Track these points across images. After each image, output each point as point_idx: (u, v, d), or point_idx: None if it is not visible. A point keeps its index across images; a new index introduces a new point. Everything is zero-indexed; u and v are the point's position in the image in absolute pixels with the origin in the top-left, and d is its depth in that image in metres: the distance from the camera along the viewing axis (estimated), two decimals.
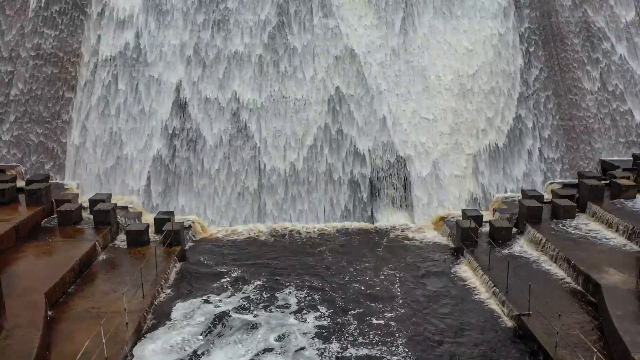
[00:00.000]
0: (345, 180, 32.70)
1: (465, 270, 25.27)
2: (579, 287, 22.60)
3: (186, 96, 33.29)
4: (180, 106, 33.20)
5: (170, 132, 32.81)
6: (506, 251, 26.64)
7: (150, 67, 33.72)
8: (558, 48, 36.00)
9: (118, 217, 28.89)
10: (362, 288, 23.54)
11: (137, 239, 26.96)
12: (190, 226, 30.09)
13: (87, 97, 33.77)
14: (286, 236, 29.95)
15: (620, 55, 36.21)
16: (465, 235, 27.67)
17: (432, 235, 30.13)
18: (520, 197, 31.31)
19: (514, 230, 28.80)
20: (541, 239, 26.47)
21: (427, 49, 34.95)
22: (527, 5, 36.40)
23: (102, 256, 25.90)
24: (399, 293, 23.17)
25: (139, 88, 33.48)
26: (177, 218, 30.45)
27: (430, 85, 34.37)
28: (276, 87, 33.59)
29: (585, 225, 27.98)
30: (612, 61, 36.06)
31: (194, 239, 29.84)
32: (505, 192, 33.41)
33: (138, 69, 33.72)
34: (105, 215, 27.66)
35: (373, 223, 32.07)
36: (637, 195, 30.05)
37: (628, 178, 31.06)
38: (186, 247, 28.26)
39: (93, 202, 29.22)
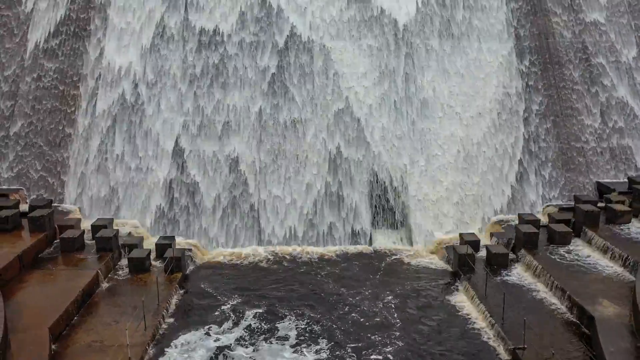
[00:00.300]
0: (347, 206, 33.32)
1: (462, 300, 25.66)
2: (573, 318, 23.00)
3: (184, 147, 33.45)
4: (178, 160, 33.34)
5: (168, 186, 32.93)
6: (503, 278, 27.04)
7: (147, 120, 33.77)
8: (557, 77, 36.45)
9: (120, 241, 29.26)
10: (362, 320, 23.93)
11: (139, 266, 27.36)
12: (191, 249, 30.51)
13: (85, 147, 34.00)
14: (285, 262, 30.31)
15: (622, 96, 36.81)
16: (463, 261, 28.08)
17: (431, 259, 30.50)
18: (517, 221, 31.83)
19: (511, 255, 29.24)
20: (537, 266, 26.88)
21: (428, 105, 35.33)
22: (529, 55, 36.77)
23: (105, 284, 26.27)
24: (397, 324, 23.55)
25: (136, 141, 33.55)
26: (178, 240, 31.03)
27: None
28: (276, 141, 33.72)
29: (581, 251, 28.39)
30: (612, 96, 36.57)
31: (195, 263, 30.23)
32: (502, 210, 33.87)
33: (135, 122, 33.81)
34: (107, 242, 28.08)
35: (371, 245, 32.54)
36: (633, 219, 30.54)
37: (623, 202, 31.49)
38: (187, 272, 28.66)
39: (95, 227, 29.64)
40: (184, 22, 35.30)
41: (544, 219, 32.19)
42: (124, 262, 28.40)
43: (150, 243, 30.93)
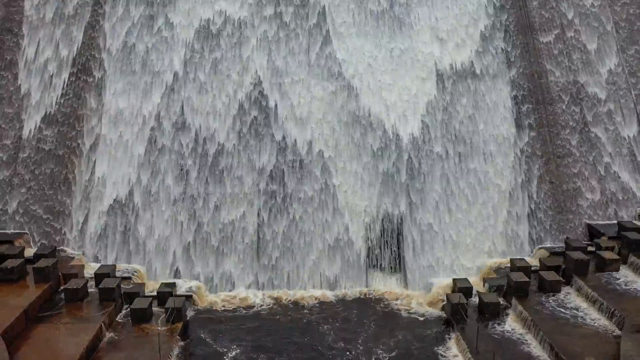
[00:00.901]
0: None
1: (455, 354, 26.47)
2: None
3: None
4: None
5: None
6: (495, 328, 27.82)
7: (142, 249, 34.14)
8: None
9: (122, 290, 30.07)
10: None
11: (141, 316, 28.15)
12: (191, 296, 31.36)
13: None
14: (282, 306, 31.09)
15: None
16: (455, 310, 28.89)
17: (426, 305, 31.28)
18: (509, 266, 32.67)
19: (503, 302, 30.05)
20: (527, 318, 27.68)
21: None
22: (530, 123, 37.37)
23: (108, 335, 27.08)
24: None
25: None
26: (178, 282, 32.16)
27: None
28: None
29: (571, 301, 29.15)
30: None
31: (196, 308, 31.05)
32: (495, 252, 34.73)
33: (130, 246, 34.08)
34: (110, 293, 28.90)
35: (367, 287, 33.41)
36: (622, 267, 31.33)
37: (612, 248, 32.29)
38: (187, 318, 29.48)
39: (98, 276, 30.46)
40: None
41: (535, 263, 32.97)
42: (126, 306, 29.33)
43: (151, 285, 32.02)
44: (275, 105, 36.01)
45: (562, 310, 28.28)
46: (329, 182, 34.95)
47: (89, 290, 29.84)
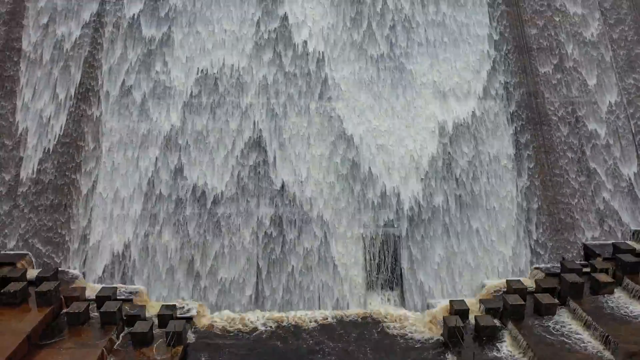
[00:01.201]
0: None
1: None
2: None
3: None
4: None
5: None
6: (492, 352, 28.25)
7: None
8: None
9: (123, 313, 30.45)
10: None
11: (142, 340, 28.56)
12: (192, 318, 31.76)
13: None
14: (283, 329, 31.49)
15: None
16: (452, 333, 29.32)
17: (423, 327, 31.66)
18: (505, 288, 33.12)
19: (499, 324, 30.48)
20: (522, 342, 28.11)
21: None
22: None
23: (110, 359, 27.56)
24: None
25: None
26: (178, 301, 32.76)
27: None
28: None
29: (566, 325, 29.54)
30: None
31: (196, 329, 31.43)
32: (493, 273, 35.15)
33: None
34: (111, 316, 29.31)
35: (366, 308, 33.79)
36: (616, 289, 31.76)
37: (607, 270, 32.72)
38: (188, 342, 29.88)
39: (100, 298, 30.86)
40: None
41: (531, 284, 33.40)
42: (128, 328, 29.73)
43: (152, 306, 32.41)
44: (274, 157, 35.95)
45: (557, 334, 28.68)
46: (329, 237, 34.79)
47: (91, 313, 30.29)
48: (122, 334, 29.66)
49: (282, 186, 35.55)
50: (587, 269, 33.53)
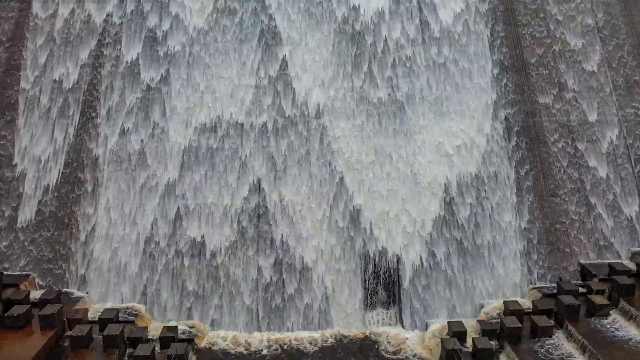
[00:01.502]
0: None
1: None
2: None
3: None
4: None
5: None
6: None
7: None
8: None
9: (125, 335, 30.86)
10: None
11: None
12: (192, 339, 32.16)
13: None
14: (285, 352, 31.86)
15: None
16: (450, 355, 29.70)
17: (422, 349, 32.06)
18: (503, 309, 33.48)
19: (497, 345, 30.88)
20: None
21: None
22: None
23: None
24: None
25: None
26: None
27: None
28: None
29: (561, 347, 29.93)
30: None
31: (197, 349, 31.84)
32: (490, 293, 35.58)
33: None
34: (114, 340, 29.71)
35: (366, 329, 34.22)
36: (612, 311, 32.11)
37: (603, 292, 33.09)
38: None
39: (102, 321, 31.26)
40: None
41: (528, 305, 33.76)
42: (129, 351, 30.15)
43: (154, 328, 32.83)
44: (274, 212, 35.86)
45: (553, 357, 29.08)
46: (329, 293, 34.93)
47: (93, 335, 30.72)
48: (124, 357, 30.12)
49: (282, 241, 35.43)
50: (584, 290, 33.91)
